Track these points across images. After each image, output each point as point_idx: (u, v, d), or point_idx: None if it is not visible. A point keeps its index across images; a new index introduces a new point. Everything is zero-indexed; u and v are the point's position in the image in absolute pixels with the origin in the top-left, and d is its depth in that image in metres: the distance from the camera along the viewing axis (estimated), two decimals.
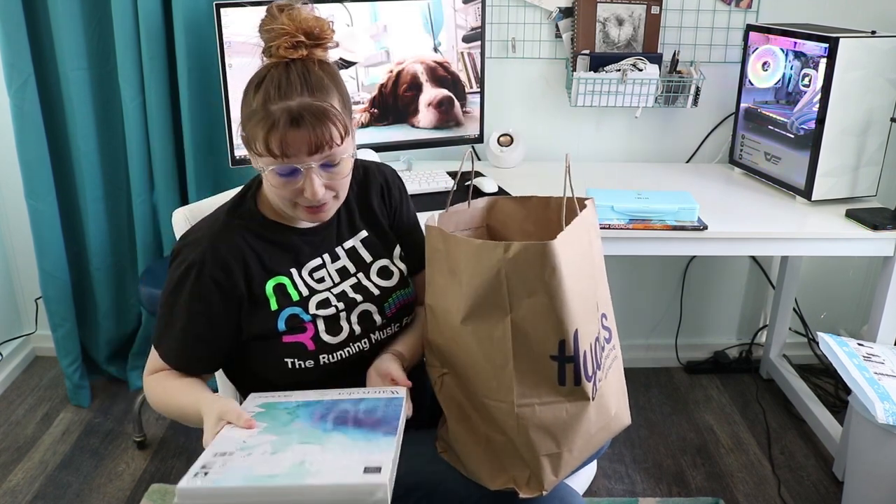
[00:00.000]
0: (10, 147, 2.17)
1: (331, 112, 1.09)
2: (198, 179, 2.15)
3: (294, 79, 1.09)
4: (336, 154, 1.12)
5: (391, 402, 1.11)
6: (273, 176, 1.12)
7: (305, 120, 1.07)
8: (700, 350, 2.64)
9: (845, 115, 1.87)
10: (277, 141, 1.07)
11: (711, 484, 2.07)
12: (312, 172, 1.11)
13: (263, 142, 1.08)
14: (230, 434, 1.00)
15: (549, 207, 1.29)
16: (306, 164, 1.10)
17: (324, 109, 1.08)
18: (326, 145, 1.09)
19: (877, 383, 1.64)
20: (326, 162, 1.12)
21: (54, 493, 2.01)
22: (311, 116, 1.07)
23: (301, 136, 1.07)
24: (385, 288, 1.29)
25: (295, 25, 1.10)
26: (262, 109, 1.08)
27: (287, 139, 1.07)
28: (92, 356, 2.44)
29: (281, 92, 1.08)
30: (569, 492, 1.21)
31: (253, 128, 1.10)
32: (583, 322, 1.09)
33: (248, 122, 1.11)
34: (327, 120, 1.08)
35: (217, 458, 0.94)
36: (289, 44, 1.10)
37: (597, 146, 2.37)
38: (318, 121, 1.08)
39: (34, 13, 2.07)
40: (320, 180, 1.12)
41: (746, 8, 2.22)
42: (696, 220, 1.80)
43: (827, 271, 2.53)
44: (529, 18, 2.23)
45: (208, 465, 0.93)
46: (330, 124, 1.09)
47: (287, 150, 1.08)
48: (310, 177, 1.11)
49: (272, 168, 1.10)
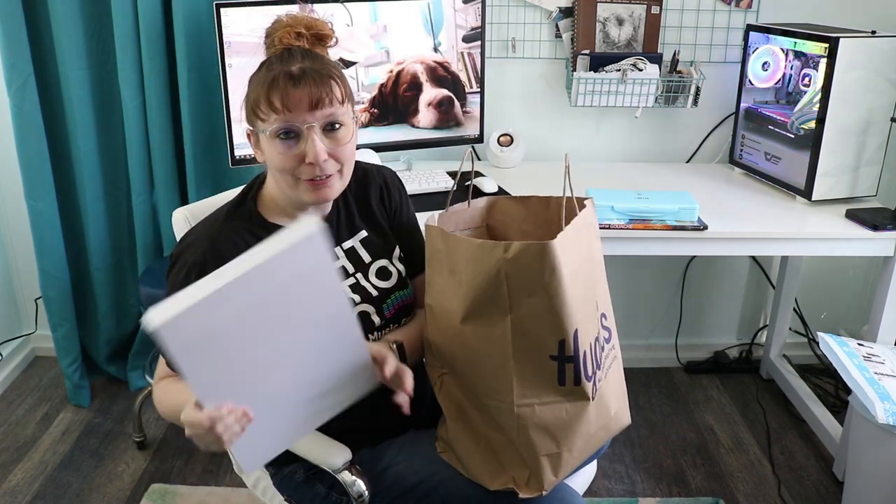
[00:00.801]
0: (10, 147, 2.17)
1: (332, 72, 1.14)
2: (198, 179, 2.15)
3: (295, 52, 1.16)
4: (337, 114, 1.14)
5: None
6: (275, 142, 1.13)
7: (307, 75, 1.11)
8: (700, 350, 2.64)
9: (845, 115, 1.87)
10: (279, 95, 1.11)
11: (711, 484, 2.07)
12: (313, 132, 1.13)
13: (266, 98, 1.11)
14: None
15: (548, 207, 1.29)
16: (307, 123, 1.12)
17: (325, 69, 1.14)
18: (327, 99, 1.12)
19: (877, 383, 1.64)
20: (327, 123, 1.14)
21: (54, 493, 2.01)
22: (312, 73, 1.12)
23: (301, 92, 1.11)
24: (383, 289, 1.29)
25: (297, 21, 1.17)
26: (264, 75, 1.14)
27: (288, 93, 1.11)
28: (92, 356, 2.44)
29: (283, 60, 1.14)
30: (569, 492, 1.21)
31: (255, 90, 1.14)
32: (582, 322, 1.09)
33: (251, 92, 1.15)
34: (328, 77, 1.13)
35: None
36: (291, 34, 1.16)
37: (597, 146, 2.37)
38: (320, 77, 1.12)
39: (34, 13, 2.07)
40: (322, 143, 1.14)
41: (746, 8, 2.21)
42: (696, 220, 1.80)
43: (827, 271, 2.53)
44: (529, 18, 2.23)
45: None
46: (331, 81, 1.13)
47: (288, 104, 1.11)
48: (311, 136, 1.13)
49: (274, 129, 1.12)
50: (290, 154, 1.14)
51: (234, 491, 1.99)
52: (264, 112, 1.13)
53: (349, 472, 1.18)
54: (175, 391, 1.17)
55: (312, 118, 1.12)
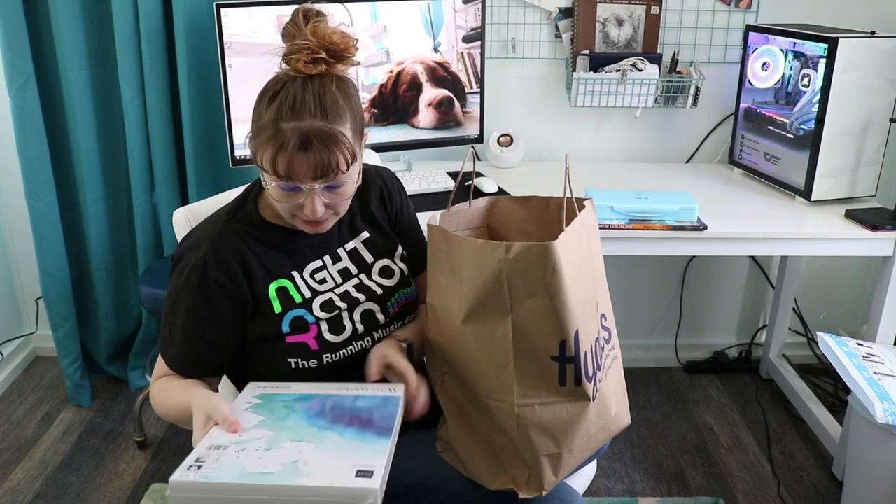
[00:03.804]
0: (10, 147, 2.17)
1: (340, 139, 1.08)
2: (198, 179, 2.15)
3: (308, 98, 1.08)
4: (340, 179, 1.12)
5: (388, 400, 1.11)
6: (276, 190, 1.12)
7: (314, 145, 1.06)
8: (700, 350, 2.64)
9: (845, 115, 1.87)
10: (284, 163, 1.07)
11: (711, 484, 2.07)
12: (314, 193, 1.11)
13: (270, 161, 1.08)
14: (219, 432, 1.00)
15: (549, 208, 1.29)
16: (309, 186, 1.10)
17: (334, 136, 1.08)
18: (332, 172, 1.09)
19: (876, 383, 1.64)
20: (329, 185, 1.12)
21: (55, 492, 2.01)
22: (319, 142, 1.06)
23: (308, 161, 1.07)
24: (387, 287, 1.29)
25: (318, 41, 1.09)
26: (272, 126, 1.07)
27: (294, 163, 1.07)
28: (92, 356, 2.44)
29: (294, 111, 1.07)
30: (568, 492, 1.21)
31: (262, 144, 1.09)
32: (583, 322, 1.09)
33: (257, 136, 1.10)
34: (335, 147, 1.08)
35: (211, 451, 0.95)
36: (308, 59, 1.09)
37: (596, 146, 2.37)
38: (327, 147, 1.07)
39: (35, 13, 2.07)
40: (321, 200, 1.13)
41: (746, 8, 2.22)
42: (695, 220, 1.81)
43: (826, 271, 2.53)
44: (529, 18, 2.23)
45: (202, 459, 0.93)
46: (338, 152, 1.08)
47: (292, 174, 1.08)
48: (311, 197, 1.12)
49: (275, 185, 1.11)
50: (289, 202, 1.13)
51: None
52: (267, 168, 1.09)
53: None
54: (173, 390, 1.17)
55: (315, 183, 1.10)
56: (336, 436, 1.01)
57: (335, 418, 1.05)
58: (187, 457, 0.94)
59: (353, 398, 1.11)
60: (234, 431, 1.00)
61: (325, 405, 1.08)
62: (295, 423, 1.04)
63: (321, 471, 0.93)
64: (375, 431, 1.02)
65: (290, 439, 0.99)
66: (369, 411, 1.08)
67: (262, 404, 1.08)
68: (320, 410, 1.07)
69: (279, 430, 1.01)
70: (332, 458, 0.96)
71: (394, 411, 1.08)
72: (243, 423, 1.01)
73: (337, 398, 1.10)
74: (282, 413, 1.06)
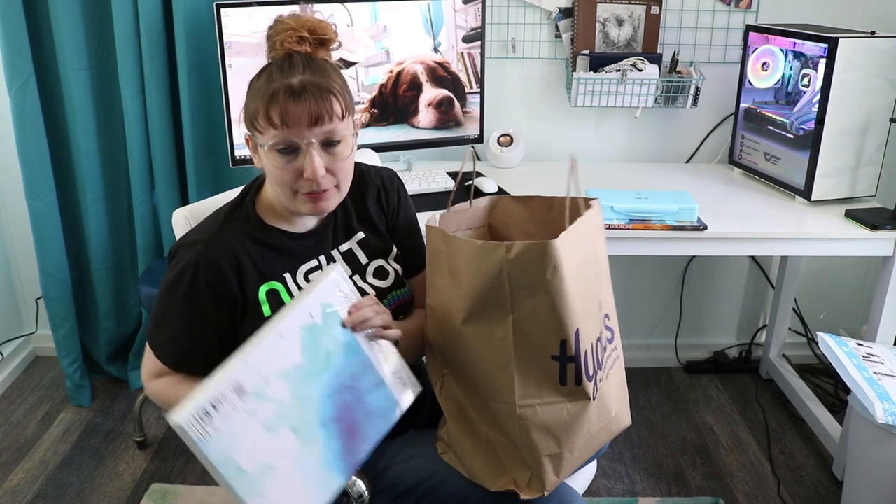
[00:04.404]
0: (10, 147, 2.17)
1: (333, 87, 1.12)
2: (198, 179, 2.15)
3: (297, 61, 1.13)
4: (336, 131, 1.13)
5: (390, 409, 1.14)
6: (274, 155, 1.13)
7: (307, 91, 1.10)
8: (700, 350, 2.64)
9: (844, 115, 1.87)
10: (278, 111, 1.09)
11: (711, 484, 2.07)
12: (312, 148, 1.12)
13: (264, 113, 1.10)
14: (260, 358, 1.01)
15: (551, 208, 1.29)
16: (306, 139, 1.11)
17: (325, 84, 1.11)
18: (327, 116, 1.11)
19: (876, 383, 1.64)
20: (326, 139, 1.13)
21: (55, 492, 2.01)
22: (312, 88, 1.10)
23: (301, 108, 1.09)
24: (381, 288, 1.29)
25: (300, 24, 1.15)
26: (264, 86, 1.11)
27: (287, 109, 1.09)
28: (92, 356, 2.44)
29: (283, 71, 1.12)
30: (569, 491, 1.21)
31: (255, 102, 1.12)
32: (584, 322, 1.09)
33: (250, 102, 1.14)
34: (328, 93, 1.11)
35: (225, 403, 0.96)
36: (293, 38, 1.14)
37: (596, 146, 2.37)
38: (320, 93, 1.10)
39: (35, 13, 2.07)
40: (320, 159, 1.13)
41: (746, 8, 2.22)
42: (695, 220, 1.81)
43: (826, 271, 2.53)
44: (529, 18, 2.23)
45: (213, 411, 0.95)
46: (331, 97, 1.11)
47: (287, 120, 1.10)
48: (309, 153, 1.12)
49: (273, 144, 1.12)
50: (289, 168, 1.13)
51: None
52: (262, 125, 1.12)
53: None
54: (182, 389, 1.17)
55: (311, 134, 1.11)
56: (320, 446, 1.05)
57: (339, 411, 1.07)
58: (205, 389, 0.95)
59: (373, 382, 1.12)
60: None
61: (346, 379, 1.09)
62: (312, 393, 1.05)
63: (275, 498, 1.00)
64: (346, 461, 1.07)
65: (289, 425, 1.02)
66: (367, 417, 1.11)
67: (318, 328, 1.07)
68: (339, 387, 1.08)
69: (294, 399, 1.03)
70: (296, 484, 1.02)
71: (383, 429, 1.13)
72: (285, 350, 1.03)
73: (361, 371, 1.11)
74: (320, 361, 1.07)
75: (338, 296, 1.11)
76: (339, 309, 1.10)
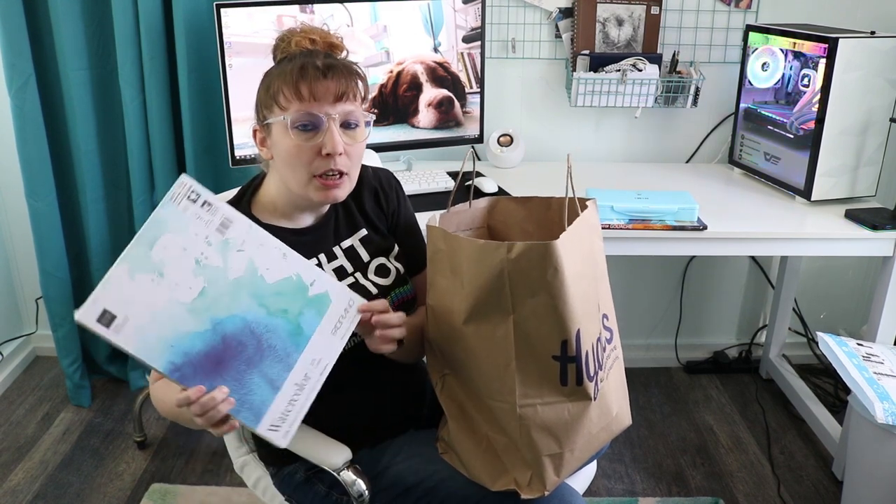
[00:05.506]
0: (10, 147, 2.17)
1: (357, 70, 1.19)
2: (198, 179, 2.09)
3: (317, 50, 1.20)
4: (356, 113, 1.18)
5: (252, 411, 1.03)
6: (294, 133, 1.14)
7: (335, 68, 1.15)
8: (700, 350, 2.64)
9: (844, 115, 1.87)
10: (307, 84, 1.14)
11: (711, 484, 2.07)
12: (333, 123, 1.14)
13: (293, 87, 1.14)
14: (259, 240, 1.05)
15: (550, 208, 1.29)
16: (330, 115, 1.14)
17: (351, 66, 1.19)
18: (351, 94, 1.16)
19: (876, 383, 1.64)
20: (345, 120, 1.16)
21: (55, 492, 2.01)
22: (340, 66, 1.16)
23: (329, 83, 1.14)
24: (383, 286, 1.29)
25: (310, 30, 1.22)
26: (290, 65, 1.16)
27: (316, 83, 1.13)
28: (92, 356, 2.44)
29: (306, 55, 1.18)
30: (569, 492, 1.21)
31: (277, 82, 1.16)
32: (585, 322, 1.09)
33: (272, 84, 1.17)
34: (355, 74, 1.18)
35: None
36: (306, 39, 1.20)
37: (597, 146, 2.37)
38: (347, 71, 1.17)
39: (35, 13, 2.07)
40: (339, 137, 1.15)
41: (746, 8, 2.22)
42: (695, 220, 1.81)
43: (826, 271, 2.53)
44: (529, 19, 2.23)
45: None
46: (357, 78, 1.18)
47: (315, 93, 1.13)
48: (331, 128, 1.14)
49: (295, 119, 1.14)
50: (307, 147, 1.15)
51: (234, 490, 2.00)
52: (287, 100, 1.14)
53: (349, 472, 1.18)
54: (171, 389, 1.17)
55: (334, 111, 1.15)
56: (194, 332, 1.01)
57: (230, 336, 1.03)
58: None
59: (274, 373, 1.05)
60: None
61: (267, 336, 1.05)
62: (241, 303, 1.04)
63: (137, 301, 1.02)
64: (188, 366, 1.01)
65: (208, 313, 1.02)
66: (236, 377, 1.03)
67: (305, 289, 1.09)
68: (256, 330, 1.04)
69: (231, 288, 1.04)
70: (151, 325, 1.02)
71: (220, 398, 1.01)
72: (270, 264, 1.08)
73: (283, 354, 1.06)
74: (276, 303, 1.06)
75: (345, 304, 1.13)
76: (338, 308, 1.10)
